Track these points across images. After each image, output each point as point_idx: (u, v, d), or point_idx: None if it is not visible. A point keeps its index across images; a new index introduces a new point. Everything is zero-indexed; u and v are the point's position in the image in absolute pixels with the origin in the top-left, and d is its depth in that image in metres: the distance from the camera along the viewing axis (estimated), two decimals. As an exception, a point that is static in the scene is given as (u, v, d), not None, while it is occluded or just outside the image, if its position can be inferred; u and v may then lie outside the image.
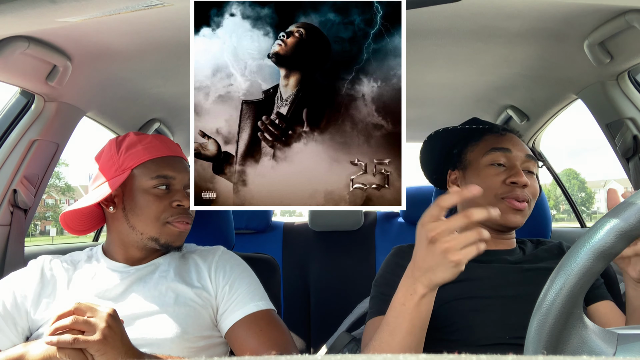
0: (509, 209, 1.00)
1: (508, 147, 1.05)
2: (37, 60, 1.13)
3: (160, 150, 1.05)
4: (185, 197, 1.02)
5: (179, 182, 1.05)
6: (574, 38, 1.17)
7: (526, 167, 1.05)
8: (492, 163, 1.04)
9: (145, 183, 1.02)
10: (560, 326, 0.49)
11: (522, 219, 1.02)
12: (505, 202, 1.01)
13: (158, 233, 1.02)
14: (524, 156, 1.05)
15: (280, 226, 2.30)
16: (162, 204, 1.02)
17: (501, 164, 1.04)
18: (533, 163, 1.06)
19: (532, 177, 1.05)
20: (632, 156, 1.33)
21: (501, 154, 1.04)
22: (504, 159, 1.04)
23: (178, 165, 1.06)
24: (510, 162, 1.04)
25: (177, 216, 1.02)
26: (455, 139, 1.15)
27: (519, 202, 1.00)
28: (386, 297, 0.99)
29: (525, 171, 1.04)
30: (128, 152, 1.04)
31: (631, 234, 0.48)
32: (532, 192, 1.03)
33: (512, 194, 1.00)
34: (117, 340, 0.77)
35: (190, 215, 1.05)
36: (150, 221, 1.01)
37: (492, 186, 1.02)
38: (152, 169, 1.03)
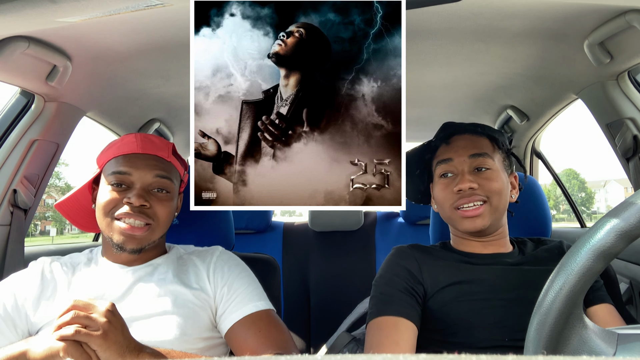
0: (462, 218, 1.02)
1: (450, 157, 1.06)
2: (37, 60, 1.13)
3: (129, 148, 1.02)
4: (139, 196, 0.96)
5: (138, 179, 0.99)
6: (574, 38, 1.17)
7: (477, 165, 1.04)
8: (442, 175, 1.07)
9: (106, 179, 1.01)
10: (560, 326, 0.49)
11: (481, 221, 1.01)
12: (458, 213, 1.03)
13: (108, 230, 0.99)
14: (469, 158, 1.04)
15: (280, 226, 2.30)
16: (113, 200, 0.98)
17: (449, 174, 1.06)
18: (482, 159, 1.04)
19: (484, 174, 1.03)
20: (632, 156, 1.33)
21: (445, 165, 1.06)
22: (450, 168, 1.06)
23: (140, 163, 1.00)
24: (456, 169, 1.05)
25: (124, 214, 0.97)
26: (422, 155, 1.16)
27: (470, 209, 1.01)
28: (385, 297, 0.99)
29: (476, 169, 1.03)
30: (104, 150, 1.05)
31: (631, 234, 0.48)
32: (487, 190, 1.01)
33: (460, 201, 1.02)
34: (119, 335, 0.77)
35: (143, 216, 0.97)
36: (101, 216, 0.99)
37: (445, 198, 1.05)
38: (112, 166, 1.01)
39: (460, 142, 1.07)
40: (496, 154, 1.07)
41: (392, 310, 0.96)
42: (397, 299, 0.97)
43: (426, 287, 1.00)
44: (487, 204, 1.01)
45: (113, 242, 0.98)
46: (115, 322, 0.78)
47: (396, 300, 0.97)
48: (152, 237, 1.00)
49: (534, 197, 1.34)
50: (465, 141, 1.07)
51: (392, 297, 0.98)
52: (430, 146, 1.14)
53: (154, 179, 1.00)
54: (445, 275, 1.00)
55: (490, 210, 1.02)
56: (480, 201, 1.01)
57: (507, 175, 1.08)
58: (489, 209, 1.01)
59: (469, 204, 1.01)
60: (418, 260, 1.03)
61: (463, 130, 1.10)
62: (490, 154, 1.06)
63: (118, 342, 0.76)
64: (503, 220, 1.07)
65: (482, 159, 1.04)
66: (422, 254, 1.05)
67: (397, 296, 0.98)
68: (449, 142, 1.09)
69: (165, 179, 1.01)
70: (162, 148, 1.05)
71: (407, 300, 0.97)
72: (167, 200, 1.02)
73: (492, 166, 1.05)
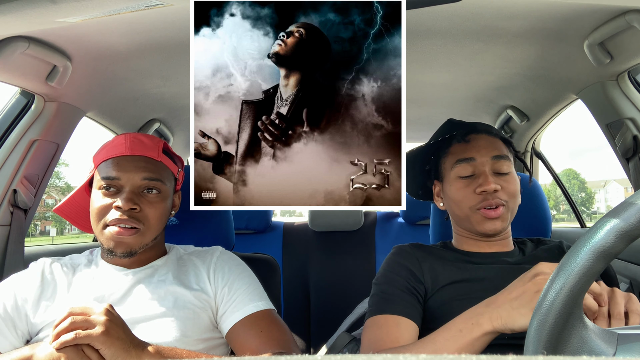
0: (484, 219, 1.01)
1: (472, 156, 1.03)
2: (37, 60, 1.13)
3: (118, 150, 1.01)
4: (128, 200, 0.95)
5: (127, 182, 0.98)
6: (574, 38, 1.17)
7: (496, 169, 1.03)
8: (460, 175, 1.05)
9: (97, 184, 1.00)
10: (560, 326, 0.49)
11: (501, 223, 1.01)
12: (480, 213, 1.01)
13: (100, 236, 0.98)
14: (491, 159, 1.03)
15: (280, 226, 2.30)
16: (104, 206, 0.97)
17: (469, 175, 1.04)
18: (503, 162, 1.03)
19: (504, 177, 1.03)
20: (632, 156, 1.33)
21: (466, 164, 1.04)
22: (471, 168, 1.03)
23: (128, 165, 0.99)
24: (478, 170, 1.03)
25: (114, 220, 0.96)
26: (430, 152, 1.14)
27: (492, 210, 1.00)
28: (386, 296, 0.99)
29: (496, 173, 1.03)
30: (98, 152, 1.05)
31: (631, 234, 0.48)
32: (507, 193, 1.01)
33: (484, 203, 1.00)
34: (120, 332, 0.77)
35: (132, 221, 0.96)
36: (94, 222, 0.99)
37: (465, 198, 1.03)
38: (102, 170, 1.00)
39: (481, 142, 1.05)
40: (511, 157, 1.07)
41: (394, 309, 0.96)
42: (399, 299, 0.97)
43: (427, 286, 1.00)
44: (506, 207, 1.01)
45: (104, 247, 0.98)
46: (115, 320, 0.78)
47: (397, 300, 0.97)
48: (142, 241, 0.99)
49: (534, 197, 1.34)
50: (485, 141, 1.05)
51: (393, 296, 0.98)
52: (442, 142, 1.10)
53: (143, 182, 0.99)
54: (446, 274, 1.00)
55: (508, 213, 1.02)
56: (502, 204, 1.00)
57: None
58: (507, 212, 1.02)
59: (493, 206, 1.00)
60: (419, 259, 1.03)
61: (477, 129, 1.08)
62: (509, 157, 1.06)
63: (121, 338, 0.77)
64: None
65: (504, 161, 1.04)
66: (423, 253, 1.05)
67: (399, 295, 0.98)
68: (469, 140, 1.06)
69: (154, 180, 1.00)
70: (151, 148, 1.03)
71: (409, 300, 0.97)
72: (158, 201, 1.00)
73: (511, 169, 1.05)
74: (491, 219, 1.00)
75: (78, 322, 0.75)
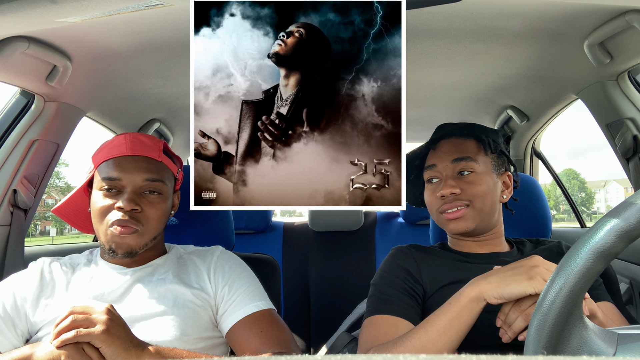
0: (447, 220, 1.05)
1: (434, 163, 1.08)
2: (37, 60, 1.13)
3: (118, 150, 1.01)
4: (130, 200, 0.95)
5: (128, 183, 0.98)
6: (574, 38, 1.17)
7: (459, 169, 1.05)
8: (428, 180, 1.10)
9: (97, 184, 1.00)
10: (560, 326, 0.49)
11: (464, 223, 1.03)
12: (443, 216, 1.05)
13: (103, 237, 0.98)
14: (451, 163, 1.06)
15: (280, 226, 2.30)
16: (105, 206, 0.97)
17: (435, 179, 1.08)
18: (465, 163, 1.05)
19: (466, 178, 1.04)
20: (632, 156, 1.33)
21: (431, 171, 1.09)
22: (434, 174, 1.08)
23: (130, 166, 0.99)
24: (440, 175, 1.07)
25: (116, 221, 0.96)
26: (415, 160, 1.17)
27: (452, 212, 1.03)
28: (384, 297, 0.99)
29: (459, 173, 1.05)
30: (97, 151, 1.04)
31: (631, 234, 0.48)
32: (469, 194, 1.03)
33: (444, 206, 1.04)
34: (121, 331, 0.78)
35: (133, 222, 0.96)
36: (95, 222, 0.99)
37: (431, 203, 1.08)
38: (103, 170, 1.00)
39: (445, 147, 1.09)
40: (481, 156, 1.07)
41: (392, 310, 0.96)
42: (397, 300, 0.97)
43: (425, 287, 1.00)
44: (470, 207, 1.03)
45: (105, 247, 0.98)
46: (115, 319, 0.78)
47: (395, 301, 0.97)
48: (142, 241, 0.99)
49: (534, 197, 1.34)
50: (449, 145, 1.08)
51: (391, 297, 0.98)
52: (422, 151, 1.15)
53: (144, 183, 0.99)
54: (444, 275, 1.00)
55: (474, 213, 1.03)
56: (463, 205, 1.03)
57: (498, 175, 1.08)
58: (472, 212, 1.03)
59: (452, 208, 1.03)
60: (417, 260, 1.03)
61: (450, 133, 1.11)
62: (474, 157, 1.06)
63: (121, 337, 0.77)
64: (494, 219, 1.07)
65: (465, 162, 1.05)
66: (421, 254, 1.05)
67: (396, 296, 0.98)
68: (435, 147, 1.11)
69: (156, 181, 1.00)
70: (152, 148, 1.03)
71: (406, 301, 0.97)
72: (159, 202, 1.00)
73: (476, 169, 1.05)
74: (453, 219, 1.03)
75: (79, 321, 0.75)
